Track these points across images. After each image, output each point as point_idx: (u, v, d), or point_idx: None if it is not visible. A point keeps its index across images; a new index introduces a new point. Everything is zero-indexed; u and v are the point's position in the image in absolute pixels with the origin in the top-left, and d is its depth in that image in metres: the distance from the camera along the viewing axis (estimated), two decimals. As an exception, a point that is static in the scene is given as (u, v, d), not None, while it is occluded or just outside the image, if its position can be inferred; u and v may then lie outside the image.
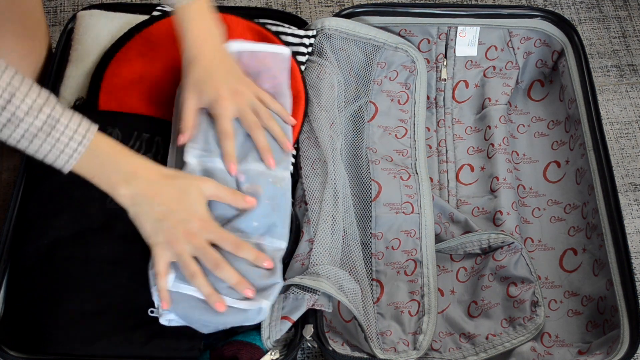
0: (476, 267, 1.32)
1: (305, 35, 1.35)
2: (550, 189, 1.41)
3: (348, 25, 1.39)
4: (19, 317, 1.08)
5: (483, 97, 1.48)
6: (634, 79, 1.66)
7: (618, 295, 1.20)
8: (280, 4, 1.71)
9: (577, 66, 1.41)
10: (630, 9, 1.75)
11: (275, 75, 1.25)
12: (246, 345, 1.10)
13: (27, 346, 1.07)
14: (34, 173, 1.17)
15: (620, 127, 1.60)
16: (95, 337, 1.05)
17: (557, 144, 1.44)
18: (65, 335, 1.05)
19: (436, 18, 1.44)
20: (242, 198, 1.08)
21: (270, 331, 1.09)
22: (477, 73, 1.49)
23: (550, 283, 1.32)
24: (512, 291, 1.27)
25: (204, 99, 1.13)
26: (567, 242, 1.35)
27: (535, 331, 1.23)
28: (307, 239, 1.17)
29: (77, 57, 1.29)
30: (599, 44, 1.70)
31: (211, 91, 1.13)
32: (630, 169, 1.55)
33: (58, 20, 1.36)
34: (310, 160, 1.26)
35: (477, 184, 1.42)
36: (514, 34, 1.46)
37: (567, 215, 1.37)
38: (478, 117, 1.48)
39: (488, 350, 1.21)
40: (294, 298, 1.11)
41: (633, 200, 1.51)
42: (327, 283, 1.10)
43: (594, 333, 1.24)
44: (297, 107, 1.28)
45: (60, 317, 1.06)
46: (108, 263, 1.11)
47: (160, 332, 1.07)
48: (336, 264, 1.18)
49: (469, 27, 1.45)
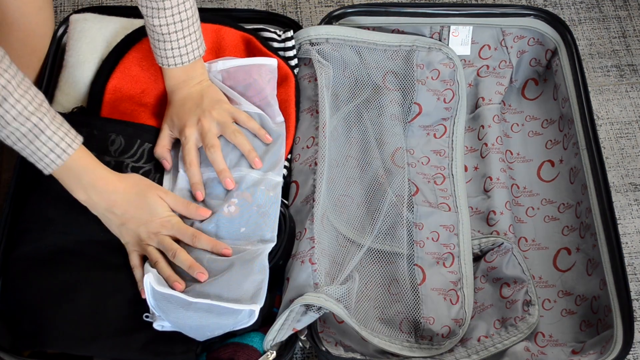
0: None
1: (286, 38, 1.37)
2: (544, 189, 1.41)
3: (335, 31, 1.39)
4: (15, 318, 1.09)
5: (477, 97, 1.48)
6: (634, 79, 1.65)
7: (611, 295, 1.19)
8: (280, 4, 1.72)
9: (570, 65, 1.40)
10: (630, 9, 1.74)
11: (263, 87, 1.27)
12: (243, 347, 1.10)
13: (23, 347, 1.08)
14: (31, 174, 1.18)
15: (620, 127, 1.59)
16: (91, 339, 1.06)
17: (551, 143, 1.44)
18: (61, 337, 1.06)
19: (429, 17, 1.44)
20: (195, 210, 1.14)
21: (277, 335, 1.10)
22: (470, 72, 1.49)
23: (544, 282, 1.31)
24: (504, 292, 1.26)
25: (174, 131, 1.22)
26: (561, 242, 1.34)
27: (527, 331, 1.22)
28: (309, 236, 1.17)
29: (73, 63, 1.29)
30: (599, 44, 1.69)
31: (180, 122, 1.20)
32: (630, 169, 1.54)
33: (58, 20, 1.38)
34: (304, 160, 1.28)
35: (471, 184, 1.41)
36: (507, 32, 1.46)
37: (561, 214, 1.36)
38: (471, 117, 1.48)
39: (480, 352, 1.20)
40: (311, 316, 1.11)
41: (633, 200, 1.50)
42: (346, 313, 1.13)
43: (587, 332, 1.23)
44: (288, 112, 1.30)
45: (56, 318, 1.07)
46: (105, 266, 1.12)
47: (156, 335, 1.07)
48: (336, 264, 1.20)
49: (462, 27, 1.45)
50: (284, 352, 1.12)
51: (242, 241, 1.12)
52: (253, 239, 1.13)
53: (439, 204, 1.36)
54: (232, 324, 1.06)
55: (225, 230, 1.13)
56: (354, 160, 1.35)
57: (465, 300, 1.26)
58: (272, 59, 1.30)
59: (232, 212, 1.13)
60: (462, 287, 1.27)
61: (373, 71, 1.41)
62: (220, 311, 1.04)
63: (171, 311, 1.04)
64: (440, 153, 1.43)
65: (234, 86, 1.26)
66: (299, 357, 1.32)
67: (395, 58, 1.41)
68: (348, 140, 1.37)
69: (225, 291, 1.05)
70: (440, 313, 1.25)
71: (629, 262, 1.43)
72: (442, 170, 1.41)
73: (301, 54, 1.38)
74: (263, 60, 1.29)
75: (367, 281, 1.27)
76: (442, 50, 1.42)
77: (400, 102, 1.41)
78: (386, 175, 1.32)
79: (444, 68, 1.42)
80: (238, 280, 1.06)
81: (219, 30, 1.32)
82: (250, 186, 1.16)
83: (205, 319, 1.04)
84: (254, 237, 1.13)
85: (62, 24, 1.34)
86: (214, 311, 1.04)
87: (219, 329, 1.07)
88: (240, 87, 1.26)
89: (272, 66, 1.30)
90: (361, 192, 1.33)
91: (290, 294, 1.12)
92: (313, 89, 1.35)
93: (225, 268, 1.08)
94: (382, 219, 1.28)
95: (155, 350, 1.07)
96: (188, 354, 1.08)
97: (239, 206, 1.14)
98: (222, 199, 1.16)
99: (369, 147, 1.36)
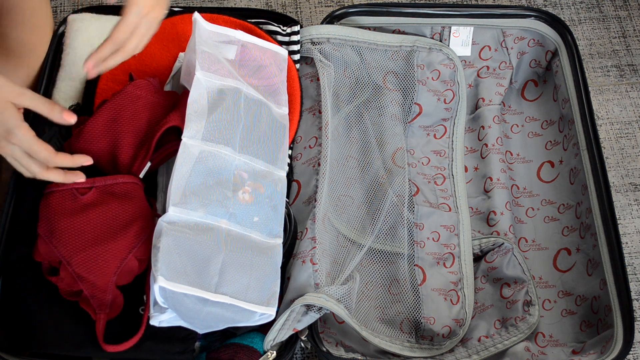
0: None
1: (293, 32, 1.37)
2: (544, 189, 1.41)
3: (336, 31, 1.39)
4: (11, 319, 1.08)
5: (477, 97, 1.48)
6: (634, 79, 1.65)
7: (612, 295, 1.19)
8: (280, 4, 1.71)
9: (570, 66, 1.41)
10: (630, 9, 1.74)
11: (275, 74, 1.26)
12: (244, 348, 1.10)
13: (19, 347, 1.07)
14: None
15: (620, 127, 1.59)
16: (87, 339, 1.05)
17: (550, 143, 1.44)
18: (57, 337, 1.06)
19: (430, 18, 1.44)
20: (59, 111, 1.04)
21: (278, 335, 1.10)
22: (470, 73, 1.49)
23: (544, 283, 1.31)
24: (505, 292, 1.26)
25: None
26: (561, 242, 1.34)
27: (528, 331, 1.22)
28: (310, 236, 1.18)
29: (69, 62, 1.30)
30: (599, 44, 1.69)
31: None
32: (630, 169, 1.54)
33: (58, 21, 1.38)
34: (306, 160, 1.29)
35: (471, 184, 1.41)
36: (508, 34, 1.46)
37: (561, 215, 1.36)
38: (472, 117, 1.48)
39: (480, 352, 1.20)
40: (312, 316, 1.11)
41: (633, 200, 1.50)
42: (347, 314, 1.12)
43: (587, 332, 1.24)
44: (293, 107, 1.29)
45: (52, 318, 1.06)
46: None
47: (153, 334, 1.06)
48: (337, 264, 1.21)
49: (463, 27, 1.45)
50: (284, 352, 1.12)
51: (255, 232, 1.11)
52: (264, 232, 1.12)
53: (440, 204, 1.37)
54: (243, 322, 1.07)
55: (240, 217, 1.11)
56: (355, 160, 1.35)
57: (466, 301, 1.26)
58: (282, 49, 1.30)
59: (247, 200, 1.12)
60: (462, 288, 1.27)
61: (374, 71, 1.41)
62: (237, 310, 1.04)
63: (185, 305, 1.02)
64: (440, 153, 1.43)
65: (245, 63, 1.25)
66: (299, 357, 1.32)
67: (396, 58, 1.41)
68: (349, 140, 1.37)
69: (244, 291, 1.05)
70: (440, 313, 1.25)
71: (629, 262, 1.43)
72: (442, 171, 1.41)
73: (302, 53, 1.38)
74: (276, 47, 1.29)
75: (368, 281, 1.27)
76: (443, 51, 1.42)
77: (400, 102, 1.42)
78: (387, 176, 1.33)
79: (444, 69, 1.42)
80: (258, 280, 1.06)
81: (218, 18, 1.33)
82: (259, 178, 1.15)
83: (220, 315, 1.04)
84: (265, 230, 1.12)
85: (62, 23, 1.35)
86: (230, 309, 1.04)
87: (227, 323, 1.07)
88: (251, 66, 1.25)
89: (284, 56, 1.30)
90: (362, 192, 1.33)
91: (291, 294, 1.13)
92: (315, 89, 1.35)
93: (245, 263, 1.07)
94: (383, 219, 1.28)
95: (153, 349, 1.07)
96: (185, 354, 1.08)
97: (253, 195, 1.13)
98: (230, 183, 1.14)
99: (370, 147, 1.36)
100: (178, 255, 1.03)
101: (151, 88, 1.17)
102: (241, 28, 1.32)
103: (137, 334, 1.05)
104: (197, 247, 1.05)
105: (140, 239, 1.08)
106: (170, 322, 1.05)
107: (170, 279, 1.00)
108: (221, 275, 1.04)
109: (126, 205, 1.09)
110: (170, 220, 1.05)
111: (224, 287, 1.03)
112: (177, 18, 1.32)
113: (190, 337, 1.09)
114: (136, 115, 1.15)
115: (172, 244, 1.03)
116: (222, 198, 1.10)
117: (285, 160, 1.21)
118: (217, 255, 1.05)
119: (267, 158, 1.18)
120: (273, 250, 1.12)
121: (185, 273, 1.02)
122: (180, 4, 1.66)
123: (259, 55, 1.26)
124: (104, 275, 1.04)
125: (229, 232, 1.09)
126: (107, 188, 1.09)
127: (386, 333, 1.22)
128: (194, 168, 1.10)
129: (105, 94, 1.25)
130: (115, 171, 1.14)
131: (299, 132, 1.32)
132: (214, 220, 1.08)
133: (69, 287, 1.05)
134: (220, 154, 1.13)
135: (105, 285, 1.05)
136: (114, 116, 1.14)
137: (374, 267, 1.28)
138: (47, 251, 1.05)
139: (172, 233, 1.04)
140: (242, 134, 1.16)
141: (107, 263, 1.05)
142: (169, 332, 1.07)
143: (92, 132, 1.14)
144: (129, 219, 1.08)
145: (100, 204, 1.08)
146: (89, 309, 1.05)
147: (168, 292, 1.00)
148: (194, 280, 1.02)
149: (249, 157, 1.15)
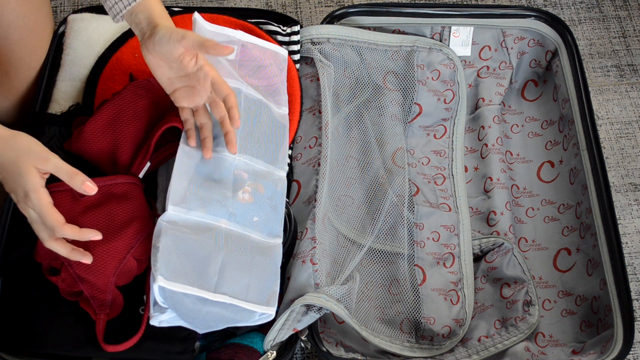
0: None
1: (293, 32, 1.37)
2: (544, 189, 1.41)
3: (336, 31, 1.39)
4: (11, 319, 1.08)
5: (477, 97, 1.48)
6: (634, 79, 1.65)
7: (612, 295, 1.20)
8: (280, 4, 1.71)
9: (570, 66, 1.41)
10: (630, 9, 1.74)
11: (275, 74, 1.26)
12: (244, 348, 1.10)
13: (19, 347, 1.07)
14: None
15: (620, 127, 1.59)
16: (87, 339, 1.06)
17: (550, 143, 1.44)
18: (57, 337, 1.06)
19: (430, 18, 1.44)
20: (81, 181, 1.00)
21: (278, 335, 1.10)
22: (470, 73, 1.49)
23: (544, 283, 1.31)
24: (505, 292, 1.26)
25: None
26: (561, 242, 1.34)
27: (528, 331, 1.22)
28: (310, 236, 1.18)
29: (69, 61, 1.30)
30: (599, 44, 1.69)
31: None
32: (630, 169, 1.54)
33: (58, 21, 1.38)
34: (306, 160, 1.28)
35: (471, 184, 1.41)
36: (508, 34, 1.46)
37: (561, 215, 1.36)
38: (472, 117, 1.48)
39: (480, 352, 1.20)
40: (312, 316, 1.11)
41: (633, 200, 1.50)
42: (347, 314, 1.12)
43: (587, 332, 1.24)
44: (293, 107, 1.29)
45: (52, 318, 1.07)
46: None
47: (152, 334, 1.07)
48: (337, 264, 1.21)
49: (463, 27, 1.45)
50: (284, 352, 1.12)
51: (255, 232, 1.11)
52: (264, 232, 1.12)
53: (440, 204, 1.37)
54: (243, 322, 1.07)
55: (240, 216, 1.11)
56: (355, 160, 1.35)
57: (466, 301, 1.26)
58: (282, 49, 1.31)
59: (247, 200, 1.12)
60: (462, 288, 1.27)
61: (374, 71, 1.41)
62: (236, 310, 1.04)
63: (184, 304, 1.02)
64: (440, 153, 1.43)
65: (245, 63, 1.25)
66: (299, 357, 1.32)
67: (396, 58, 1.41)
68: (349, 140, 1.37)
69: (244, 291, 1.05)
70: (440, 313, 1.25)
71: (629, 262, 1.43)
72: (442, 171, 1.41)
73: (302, 53, 1.38)
74: (276, 48, 1.30)
75: (368, 281, 1.27)
76: (443, 51, 1.42)
77: (400, 102, 1.42)
78: (387, 176, 1.33)
79: (444, 69, 1.42)
80: (258, 280, 1.06)
81: (217, 18, 1.33)
82: (259, 178, 1.16)
83: (220, 314, 1.04)
84: (265, 230, 1.12)
85: (62, 24, 1.35)
86: (230, 309, 1.04)
87: (227, 323, 1.07)
88: (251, 66, 1.25)
89: (284, 57, 1.30)
90: (362, 192, 1.33)
91: (291, 294, 1.13)
92: (315, 89, 1.35)
93: (245, 263, 1.07)
94: (383, 219, 1.28)
95: (152, 349, 1.07)
96: (185, 354, 1.08)
97: (252, 195, 1.13)
98: (230, 183, 1.13)
99: (370, 147, 1.36)
100: (177, 255, 1.03)
101: (151, 88, 1.17)
102: (241, 28, 1.32)
103: (137, 334, 1.05)
104: (196, 247, 1.05)
105: (138, 239, 1.08)
106: (170, 322, 1.05)
107: (170, 279, 1.00)
108: (221, 275, 1.04)
109: (124, 205, 1.09)
110: (170, 219, 1.05)
111: (224, 287, 1.04)
112: (177, 18, 1.32)
113: (190, 337, 1.09)
114: (136, 116, 1.15)
115: (172, 243, 1.03)
116: (222, 198, 1.10)
117: (285, 160, 1.21)
118: (217, 255, 1.05)
119: (267, 158, 1.18)
120: (273, 250, 1.12)
121: (185, 273, 1.02)
122: (180, 4, 1.66)
123: (259, 55, 1.26)
124: (103, 275, 1.04)
125: (228, 232, 1.09)
126: (106, 188, 1.09)
127: (386, 333, 1.22)
128: (194, 168, 1.10)
129: (105, 94, 1.25)
130: (115, 171, 1.15)
131: (299, 132, 1.32)
132: (213, 220, 1.08)
133: (70, 287, 1.06)
134: (220, 154, 1.13)
135: (105, 285, 1.05)
136: (113, 116, 1.14)
137: (374, 267, 1.28)
138: (47, 252, 1.05)
139: (172, 233, 1.04)
140: (242, 134, 1.16)
141: (106, 263, 1.05)
142: (169, 332, 1.07)
143: (92, 132, 1.14)
144: (127, 219, 1.08)
145: (99, 204, 1.08)
146: (89, 309, 1.05)
147: (168, 292, 1.00)
148: (193, 280, 1.02)
149: (248, 157, 1.16)
